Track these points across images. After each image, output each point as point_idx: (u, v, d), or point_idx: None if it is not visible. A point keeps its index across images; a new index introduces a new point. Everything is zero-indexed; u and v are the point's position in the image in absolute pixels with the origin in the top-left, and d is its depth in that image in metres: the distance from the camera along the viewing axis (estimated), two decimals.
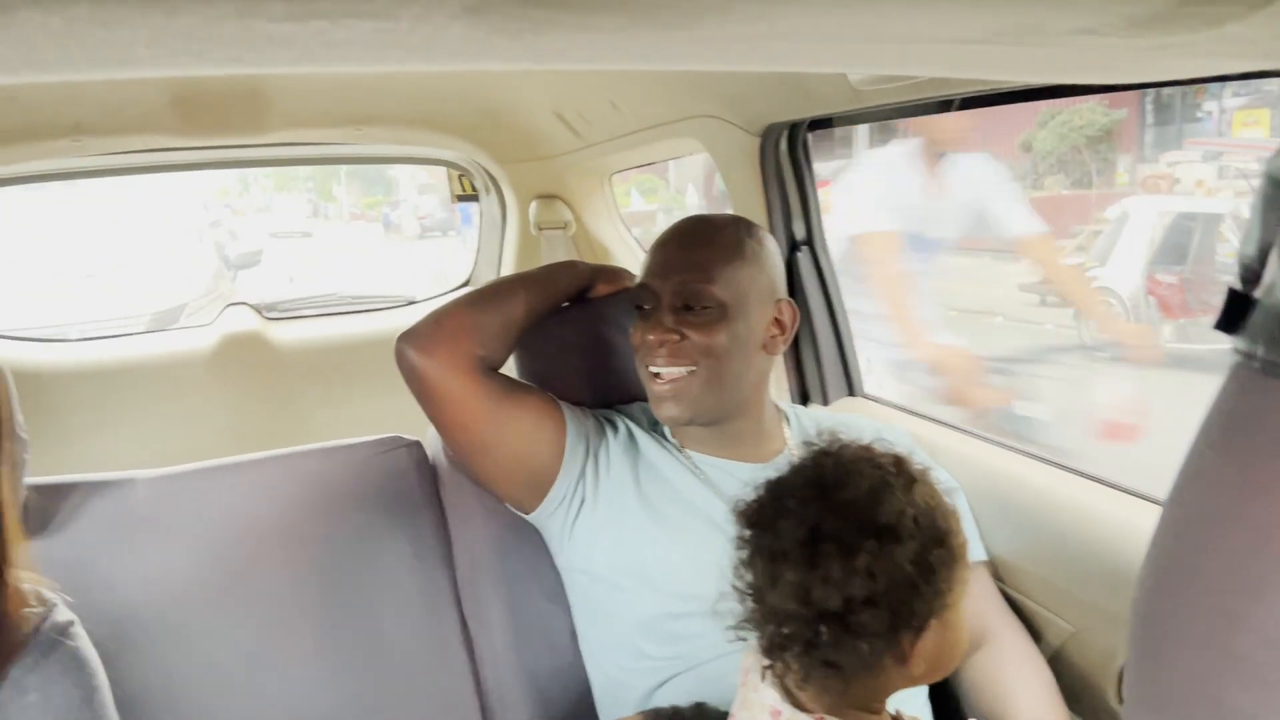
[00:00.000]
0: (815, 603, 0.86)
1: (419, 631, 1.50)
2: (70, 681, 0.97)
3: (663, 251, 1.40)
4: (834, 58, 0.72)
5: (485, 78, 2.11)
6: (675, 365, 1.34)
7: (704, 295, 1.33)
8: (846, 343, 1.80)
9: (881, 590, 0.85)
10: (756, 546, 0.92)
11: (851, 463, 0.91)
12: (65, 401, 2.53)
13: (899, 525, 0.86)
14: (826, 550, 0.85)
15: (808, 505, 0.89)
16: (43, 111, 1.99)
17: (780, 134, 1.70)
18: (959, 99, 1.38)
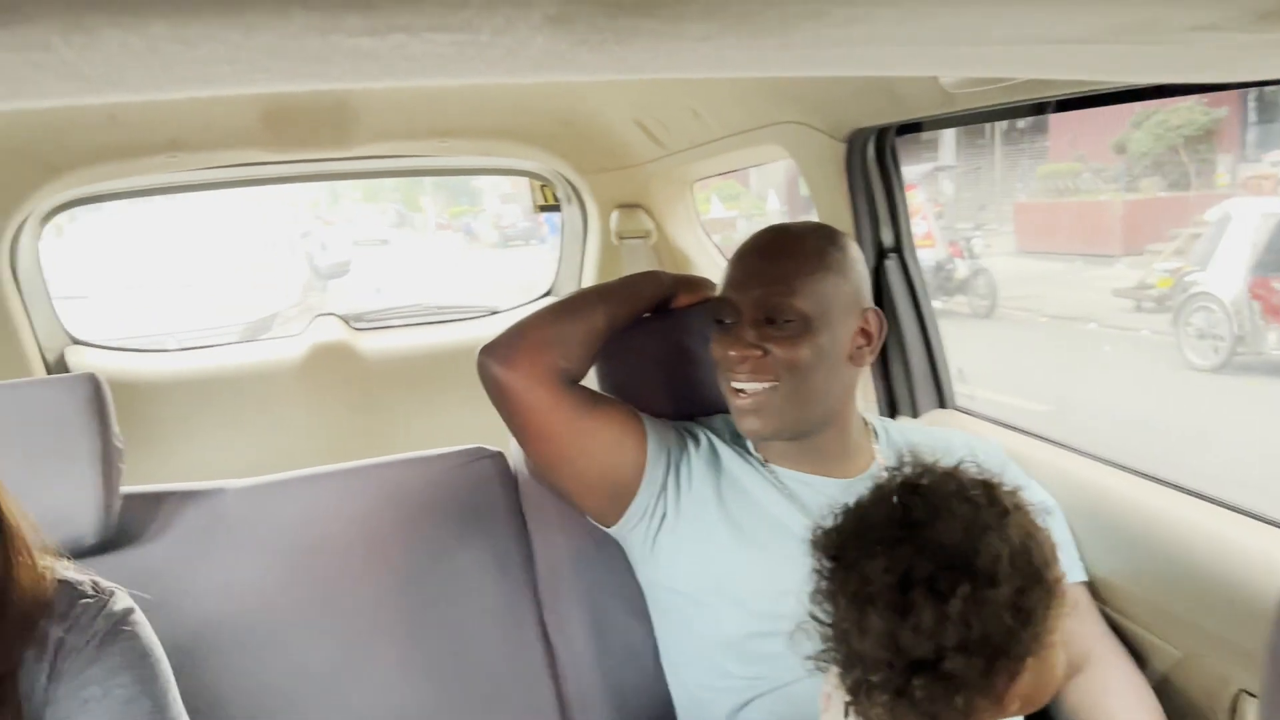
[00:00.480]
0: (905, 651, 0.81)
1: (501, 644, 1.49)
2: (131, 674, 0.96)
3: (743, 264, 1.37)
4: (931, 61, 0.69)
5: (567, 88, 2.11)
6: (757, 381, 1.30)
7: (786, 308, 1.30)
8: (937, 352, 1.75)
9: (976, 637, 0.80)
10: (840, 586, 0.87)
11: (942, 499, 0.86)
12: (161, 411, 2.60)
13: (995, 568, 0.81)
14: (918, 596, 0.81)
15: (896, 546, 0.84)
16: (141, 129, 2.05)
17: (867, 139, 1.66)
18: (1055, 101, 1.33)
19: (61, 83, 0.52)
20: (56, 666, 0.93)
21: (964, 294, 9.84)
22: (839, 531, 0.90)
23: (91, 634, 0.96)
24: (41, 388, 1.34)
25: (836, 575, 0.88)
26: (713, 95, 1.86)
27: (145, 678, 0.97)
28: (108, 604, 0.99)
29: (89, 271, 6.80)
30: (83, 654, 0.94)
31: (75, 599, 0.97)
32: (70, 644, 0.94)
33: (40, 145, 2.01)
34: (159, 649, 1.01)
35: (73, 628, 0.95)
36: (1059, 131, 14.68)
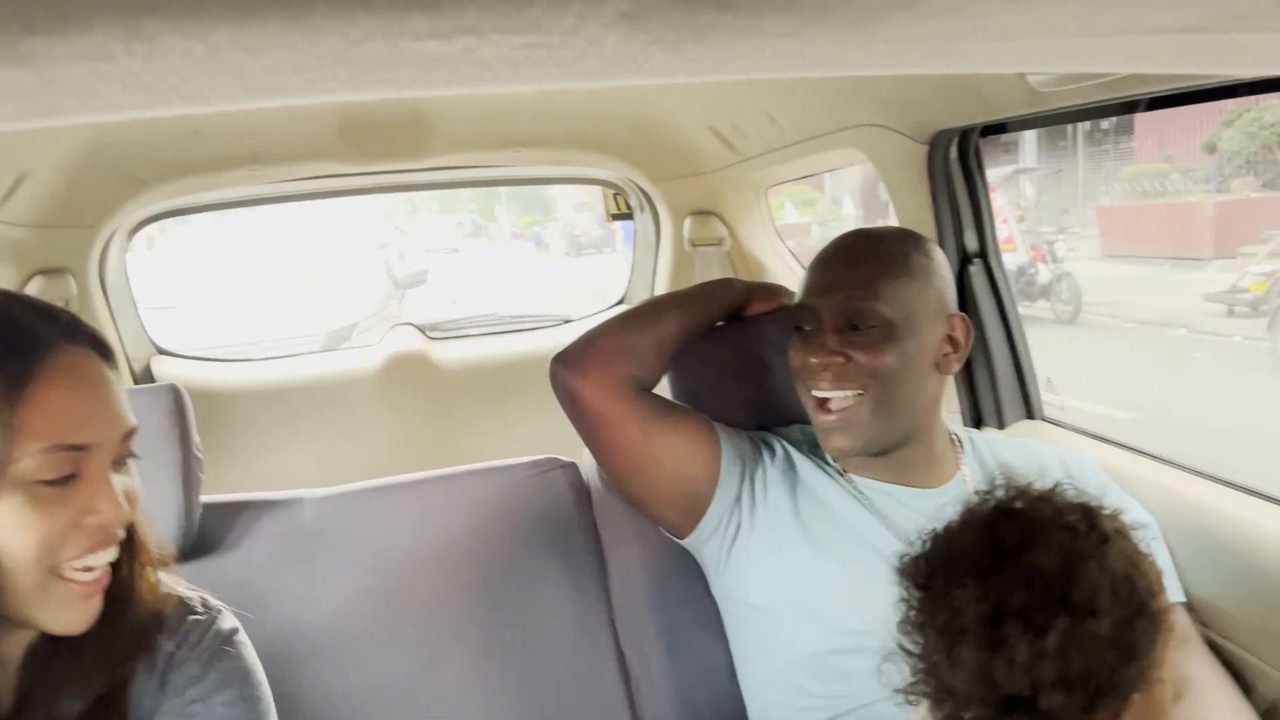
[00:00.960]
0: (998, 686, 0.76)
1: (575, 657, 1.48)
2: (234, 692, 0.97)
3: (824, 269, 1.33)
4: (1024, 56, 0.65)
5: (639, 96, 2.10)
6: (840, 389, 1.26)
7: (870, 314, 1.26)
8: (1024, 361, 1.69)
9: (1076, 673, 0.75)
10: (929, 617, 0.83)
11: (1037, 524, 0.80)
12: (242, 419, 2.65)
13: (1095, 599, 0.76)
14: (1011, 629, 0.76)
15: (988, 576, 0.79)
16: (222, 143, 2.09)
17: (950, 141, 1.61)
18: (1147, 98, 1.26)
19: (128, 95, 0.51)
20: (165, 679, 0.95)
21: (1046, 299, 9.62)
22: (927, 559, 0.85)
23: (200, 650, 0.98)
24: None
25: (925, 606, 0.83)
26: (788, 99, 1.82)
27: (248, 696, 0.99)
28: (216, 622, 1.01)
29: (177, 282, 6.99)
30: (191, 669, 0.97)
31: (186, 614, 1.00)
32: (179, 658, 0.97)
33: (127, 161, 2.06)
34: (260, 669, 1.03)
35: (183, 643, 0.97)
36: (1145, 131, 14.29)
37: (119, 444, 0.87)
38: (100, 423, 0.85)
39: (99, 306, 2.39)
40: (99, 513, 0.83)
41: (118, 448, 0.86)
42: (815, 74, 0.59)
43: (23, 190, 1.89)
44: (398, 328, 3.00)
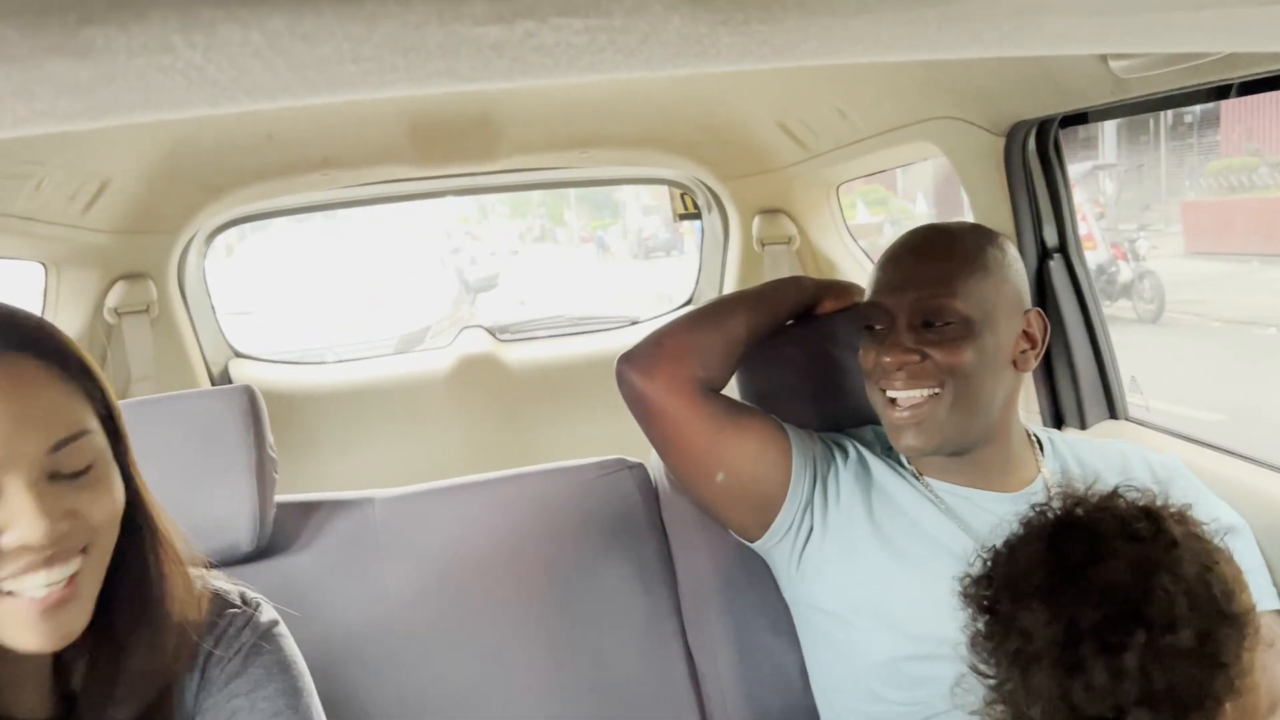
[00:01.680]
0: (1080, 711, 0.73)
1: (643, 660, 1.47)
2: (275, 686, 0.97)
3: (896, 265, 1.30)
4: (1111, 34, 0.62)
5: (707, 93, 2.08)
6: (916, 388, 1.23)
7: (946, 310, 1.22)
8: (1107, 359, 1.63)
9: (1160, 689, 0.71)
10: (999, 644, 0.79)
11: (1101, 536, 0.77)
12: (316, 421, 2.70)
13: (1171, 611, 0.72)
14: (1087, 650, 0.73)
15: (1055, 595, 0.76)
16: (296, 148, 2.13)
17: (1028, 132, 1.56)
18: (1239, 82, 1.21)
19: (192, 90, 0.51)
20: (205, 676, 0.95)
21: (1128, 298, 9.35)
22: (989, 580, 0.82)
23: (239, 646, 0.97)
24: (200, 399, 1.39)
25: (994, 632, 0.80)
26: (860, 92, 1.79)
27: (290, 690, 0.97)
28: (254, 616, 1.00)
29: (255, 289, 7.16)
30: (230, 665, 0.96)
31: (223, 609, 0.99)
32: (218, 655, 0.96)
33: (204, 167, 2.11)
34: (301, 661, 1.02)
35: (220, 639, 0.96)
36: (1230, 124, 13.85)
37: (45, 456, 0.78)
38: (10, 435, 0.77)
39: (178, 310, 2.45)
40: (15, 531, 0.77)
41: (45, 460, 0.79)
42: (888, 57, 0.57)
43: (106, 197, 1.95)
44: (467, 330, 3.03)
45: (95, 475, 0.83)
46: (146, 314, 2.31)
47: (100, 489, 0.83)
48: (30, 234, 1.82)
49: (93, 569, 0.83)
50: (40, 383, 0.80)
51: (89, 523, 0.82)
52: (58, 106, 0.52)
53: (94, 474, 0.83)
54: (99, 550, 0.83)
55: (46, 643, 0.81)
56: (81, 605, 0.82)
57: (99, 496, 0.83)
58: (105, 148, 1.80)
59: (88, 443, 0.82)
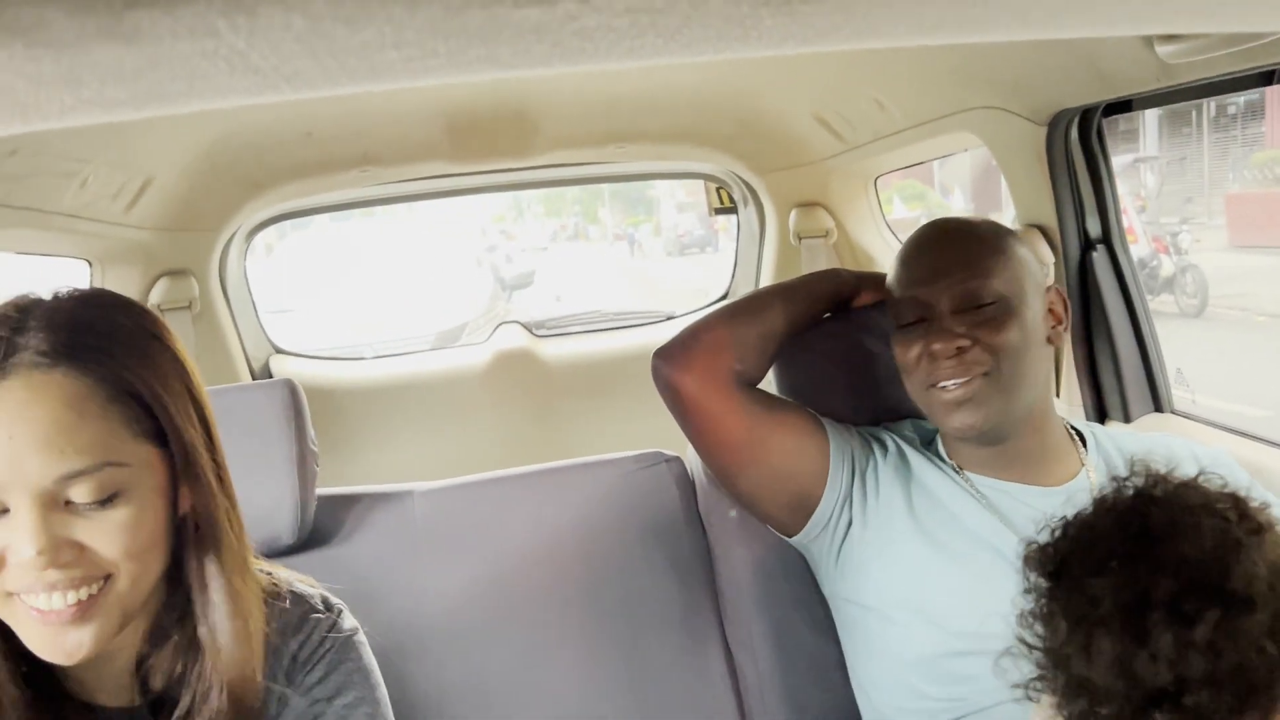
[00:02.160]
0: (1141, 681, 0.71)
1: (680, 654, 1.46)
2: (355, 694, 0.98)
3: (922, 258, 1.30)
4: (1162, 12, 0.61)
5: (743, 86, 2.07)
6: (967, 373, 1.22)
7: (986, 291, 1.23)
8: (1152, 351, 1.60)
9: (1228, 669, 0.70)
10: (1063, 606, 0.78)
11: (1184, 510, 0.75)
12: (356, 416, 2.72)
13: (1251, 590, 0.70)
14: (1157, 620, 0.71)
15: (1131, 563, 0.74)
16: (335, 145, 2.15)
17: (1070, 122, 1.54)
18: None
19: (236, 77, 0.52)
20: (291, 679, 0.96)
21: (1170, 293, 9.21)
22: (1058, 546, 0.81)
23: (323, 651, 0.98)
24: (242, 393, 1.40)
25: (1057, 595, 0.79)
26: (898, 83, 1.77)
27: (369, 699, 0.99)
28: (337, 622, 1.01)
29: (295, 287, 7.23)
30: (315, 670, 0.97)
31: (308, 613, 1.00)
32: (303, 658, 0.97)
33: (244, 164, 2.13)
34: (377, 670, 1.04)
35: (305, 642, 0.98)
36: (1276, 114, 13.58)
37: (53, 484, 0.76)
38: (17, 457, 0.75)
39: (219, 307, 2.49)
40: (13, 550, 0.75)
41: (54, 488, 0.76)
42: (932, 39, 0.56)
43: (148, 195, 1.97)
44: (504, 326, 3.05)
45: (120, 508, 0.79)
46: (188, 310, 2.34)
47: (122, 524, 0.79)
48: (76, 231, 1.85)
49: (115, 598, 0.80)
50: (66, 404, 0.76)
51: (100, 556, 0.78)
52: (104, 94, 0.52)
53: (119, 507, 0.79)
54: (127, 578, 0.80)
55: (51, 656, 0.80)
56: (95, 630, 0.80)
57: (117, 532, 0.79)
58: (148, 146, 1.83)
59: (109, 476, 0.78)
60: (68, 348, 0.78)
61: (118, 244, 2.11)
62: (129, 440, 0.80)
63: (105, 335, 0.81)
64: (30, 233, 1.74)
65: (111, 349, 0.80)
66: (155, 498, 0.82)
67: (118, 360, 0.80)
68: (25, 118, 0.55)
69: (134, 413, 0.80)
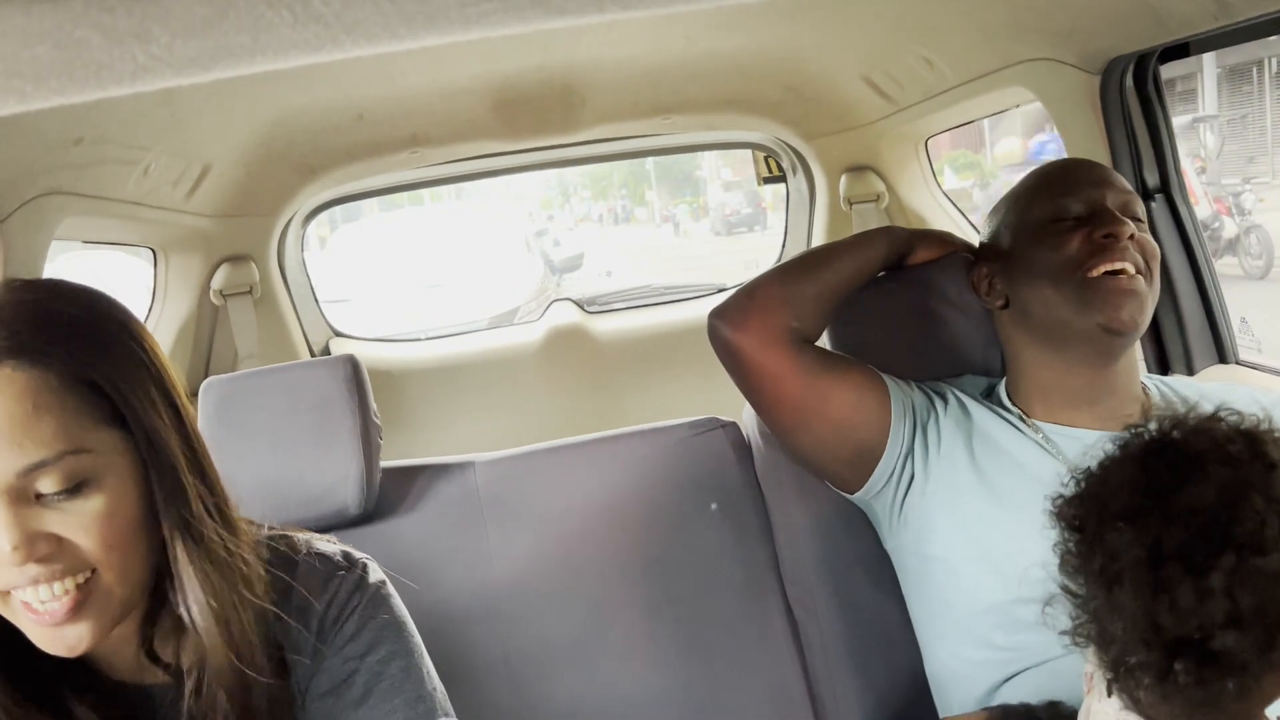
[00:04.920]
0: (1165, 630, 0.72)
1: (743, 617, 1.48)
2: (390, 646, 0.98)
3: (1072, 173, 1.34)
4: None
5: (789, 51, 2.05)
6: (1135, 265, 1.24)
7: (1138, 208, 1.30)
8: (1214, 301, 1.57)
9: (1249, 610, 0.70)
10: (1085, 562, 0.79)
11: (1192, 458, 0.75)
12: (414, 396, 2.77)
13: (1261, 532, 0.71)
14: (1172, 571, 0.72)
15: (1141, 517, 0.75)
16: (386, 127, 2.17)
17: (1125, 69, 1.51)
18: None
19: (299, 29, 0.53)
20: (322, 638, 0.96)
21: (1233, 254, 8.98)
22: (1079, 500, 0.82)
23: (351, 607, 0.98)
24: (306, 369, 1.43)
25: (1080, 550, 0.80)
26: (947, 40, 1.75)
27: (403, 651, 0.99)
28: (363, 578, 1.00)
29: (350, 278, 7.33)
30: (346, 627, 0.97)
31: (333, 571, 0.99)
32: (331, 616, 0.97)
33: (297, 149, 2.17)
34: (410, 621, 1.03)
35: (333, 600, 0.97)
36: None
37: (17, 478, 0.76)
38: None
39: (279, 291, 2.54)
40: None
41: (19, 482, 0.76)
42: None
43: (208, 182, 2.02)
44: (556, 303, 3.07)
45: (91, 496, 0.79)
46: (250, 295, 2.40)
47: (97, 513, 0.79)
48: (140, 219, 1.90)
49: (104, 591, 0.81)
50: (18, 399, 0.76)
51: (79, 549, 0.79)
52: (174, 51, 0.54)
53: (90, 495, 0.79)
54: (111, 571, 0.81)
55: (53, 650, 0.81)
56: (91, 624, 0.81)
57: (92, 522, 0.79)
58: (205, 133, 1.87)
59: (73, 464, 0.78)
60: (13, 342, 0.77)
61: (180, 231, 2.16)
62: (91, 428, 0.80)
63: (51, 325, 0.80)
64: (97, 220, 1.79)
65: (59, 338, 0.79)
66: (128, 483, 0.82)
67: (67, 349, 0.79)
68: (100, 79, 0.57)
69: (92, 400, 0.80)
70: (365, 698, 0.95)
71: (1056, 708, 1.08)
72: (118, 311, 0.86)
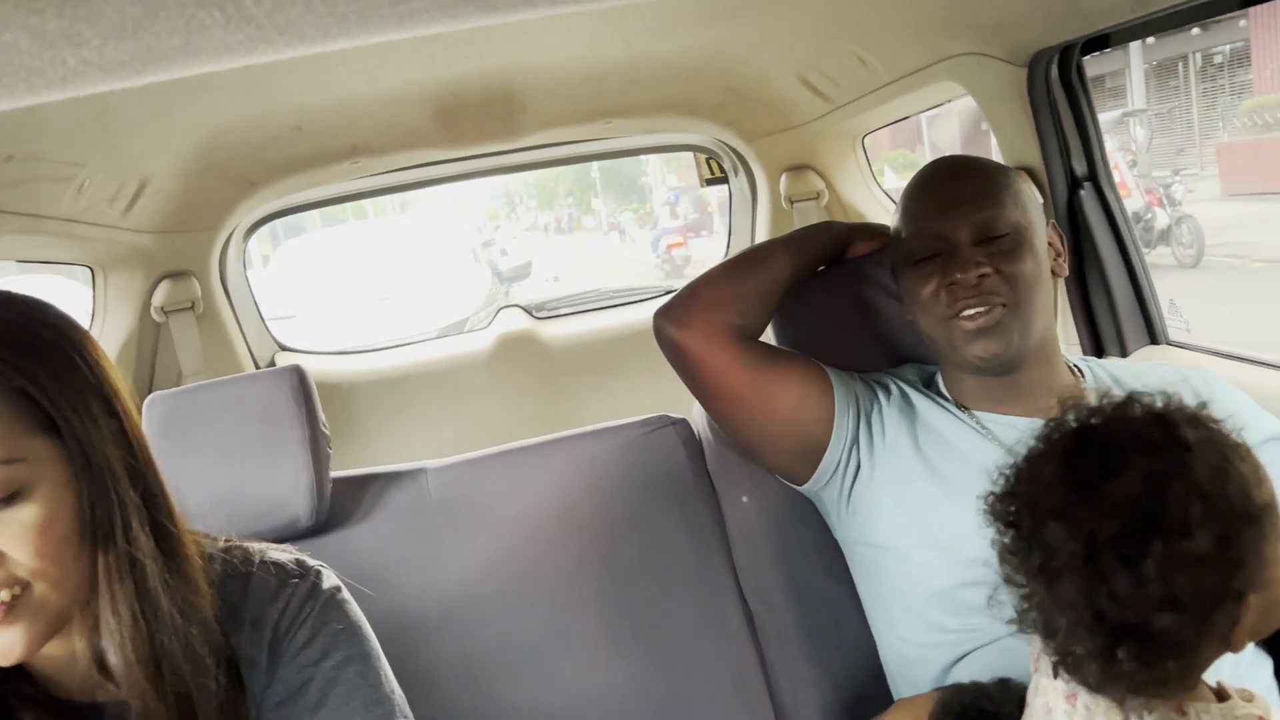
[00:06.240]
0: (1107, 620, 0.75)
1: (699, 610, 1.49)
2: (345, 651, 0.97)
3: (934, 192, 1.32)
4: None
5: (727, 53, 2.08)
6: (987, 303, 1.24)
7: (1002, 222, 1.26)
8: (1144, 284, 1.62)
9: (1183, 592, 0.73)
10: (1024, 559, 0.82)
11: (1113, 449, 0.79)
12: (363, 407, 2.75)
13: (1186, 518, 0.74)
14: (1107, 562, 0.75)
15: (1073, 512, 0.78)
16: (325, 138, 2.16)
17: (1050, 61, 1.55)
18: None
19: (231, 30, 0.53)
20: (275, 648, 0.95)
21: (1166, 244, 9.22)
22: (1010, 498, 0.85)
23: (304, 615, 0.97)
24: (252, 381, 1.42)
25: (1019, 547, 0.83)
26: (880, 38, 1.78)
27: (359, 655, 0.98)
28: (316, 584, 1.00)
29: (294, 294, 7.25)
30: (298, 635, 0.96)
31: (286, 579, 0.98)
32: (284, 626, 0.96)
33: (237, 163, 2.15)
34: (367, 625, 1.02)
35: (285, 610, 0.96)
36: (1262, 61, 13.56)
37: None
38: None
39: (222, 305, 2.51)
40: None
41: None
42: None
43: (145, 197, 1.99)
44: (505, 310, 3.07)
45: (25, 506, 0.78)
46: (192, 311, 2.36)
47: (30, 524, 0.78)
48: (75, 236, 1.87)
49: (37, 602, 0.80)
50: None
51: (13, 561, 0.78)
52: (105, 55, 0.54)
53: (23, 505, 0.78)
54: (45, 583, 0.80)
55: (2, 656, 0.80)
56: (23, 633, 0.80)
57: (25, 533, 0.78)
58: (142, 147, 1.84)
59: (7, 473, 0.77)
60: None
61: (118, 248, 2.12)
62: (24, 436, 0.78)
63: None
64: (30, 239, 1.76)
65: None
66: (65, 493, 0.80)
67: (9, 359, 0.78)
68: (30, 84, 0.57)
69: (27, 408, 0.79)
70: (321, 704, 0.94)
71: (1006, 684, 1.11)
72: (56, 318, 0.85)
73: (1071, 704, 0.83)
